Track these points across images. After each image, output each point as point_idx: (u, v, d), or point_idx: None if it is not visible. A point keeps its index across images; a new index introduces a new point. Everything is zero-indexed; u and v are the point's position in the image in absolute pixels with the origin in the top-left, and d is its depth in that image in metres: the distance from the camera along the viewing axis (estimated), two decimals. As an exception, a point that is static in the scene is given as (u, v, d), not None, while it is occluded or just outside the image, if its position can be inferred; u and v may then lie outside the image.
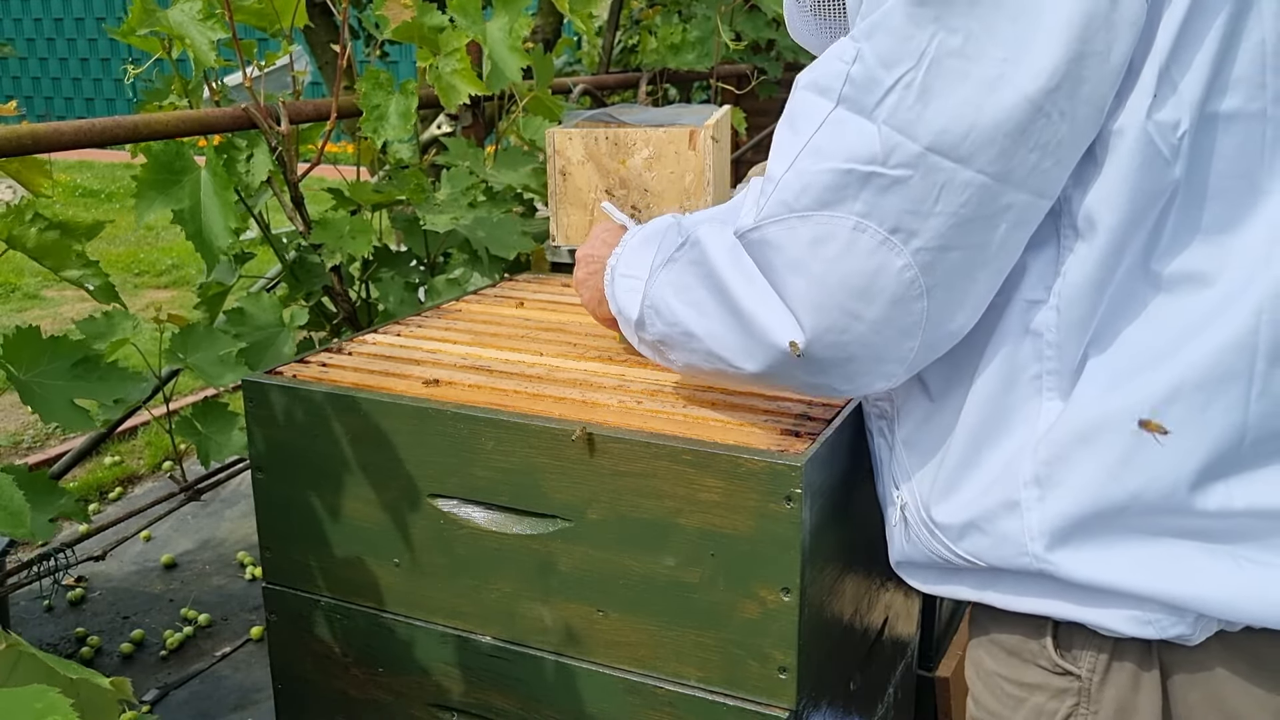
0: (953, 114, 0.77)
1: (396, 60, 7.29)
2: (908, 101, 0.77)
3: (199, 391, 3.64)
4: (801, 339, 0.83)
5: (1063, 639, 0.88)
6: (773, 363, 0.88)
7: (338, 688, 1.26)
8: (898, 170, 0.78)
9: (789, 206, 0.82)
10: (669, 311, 0.97)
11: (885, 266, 0.80)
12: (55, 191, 7.42)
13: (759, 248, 0.85)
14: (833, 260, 0.81)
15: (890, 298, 0.81)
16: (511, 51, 1.67)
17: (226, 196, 1.49)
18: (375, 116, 1.61)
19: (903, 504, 0.95)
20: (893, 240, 0.79)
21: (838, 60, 0.81)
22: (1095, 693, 0.87)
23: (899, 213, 0.79)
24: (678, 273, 0.96)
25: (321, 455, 1.18)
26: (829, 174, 0.80)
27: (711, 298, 0.92)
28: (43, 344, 1.33)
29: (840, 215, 0.80)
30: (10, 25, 10.76)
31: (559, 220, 1.63)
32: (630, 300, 1.05)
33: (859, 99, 0.79)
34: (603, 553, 1.06)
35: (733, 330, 0.90)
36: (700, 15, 3.05)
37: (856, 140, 0.79)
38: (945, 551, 0.90)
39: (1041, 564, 0.84)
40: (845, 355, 0.84)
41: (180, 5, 1.55)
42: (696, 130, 1.57)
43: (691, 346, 0.96)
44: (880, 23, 0.78)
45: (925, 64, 0.77)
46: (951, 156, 0.77)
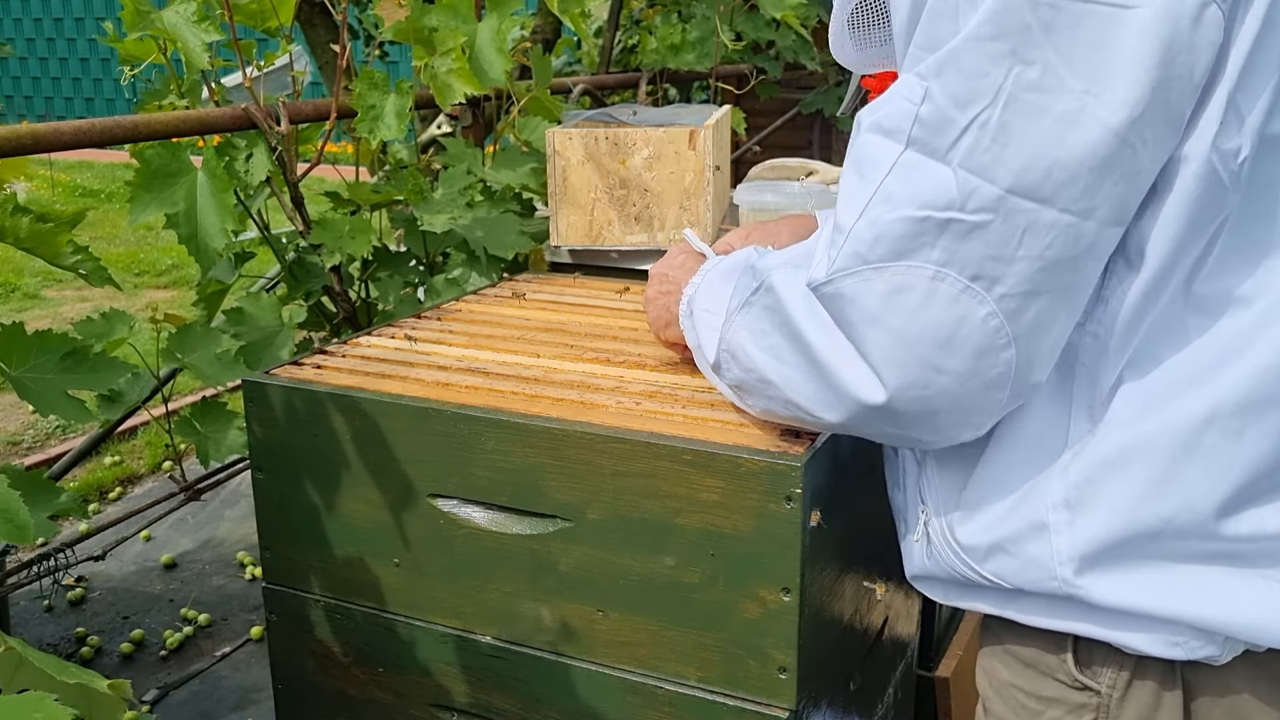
0: (1033, 153, 0.73)
1: (396, 60, 7.28)
2: (984, 142, 0.73)
3: (198, 391, 3.64)
4: (884, 395, 0.79)
5: (1083, 654, 0.87)
6: (853, 415, 0.84)
7: (338, 688, 1.26)
8: (977, 215, 0.74)
9: (862, 258, 0.78)
10: (745, 357, 0.93)
11: (968, 316, 0.76)
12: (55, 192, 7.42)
13: (833, 301, 0.81)
14: (911, 312, 0.77)
15: (974, 349, 0.76)
16: (497, 53, 1.67)
17: (225, 198, 1.49)
18: (371, 117, 1.60)
19: (926, 519, 0.93)
20: (974, 288, 0.75)
21: (904, 100, 0.77)
22: (1114, 709, 0.86)
23: (980, 259, 0.75)
24: (754, 318, 0.92)
25: (321, 455, 1.18)
26: (903, 222, 0.76)
27: (789, 345, 0.88)
28: (30, 339, 1.33)
29: (917, 265, 0.76)
30: (10, 25, 10.76)
31: (558, 220, 1.63)
32: (708, 340, 1.01)
33: (930, 141, 0.75)
34: (603, 553, 1.06)
35: (811, 380, 0.86)
36: (700, 15, 3.05)
37: (931, 185, 0.75)
38: (969, 571, 0.89)
39: (1070, 588, 0.83)
40: (929, 409, 0.80)
41: (175, 7, 1.54)
42: (696, 130, 1.57)
43: (769, 394, 0.92)
44: (950, 59, 0.74)
45: (1002, 101, 0.73)
46: (1033, 197, 0.73)
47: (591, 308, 1.49)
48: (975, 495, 0.87)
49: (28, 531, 1.01)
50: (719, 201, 1.71)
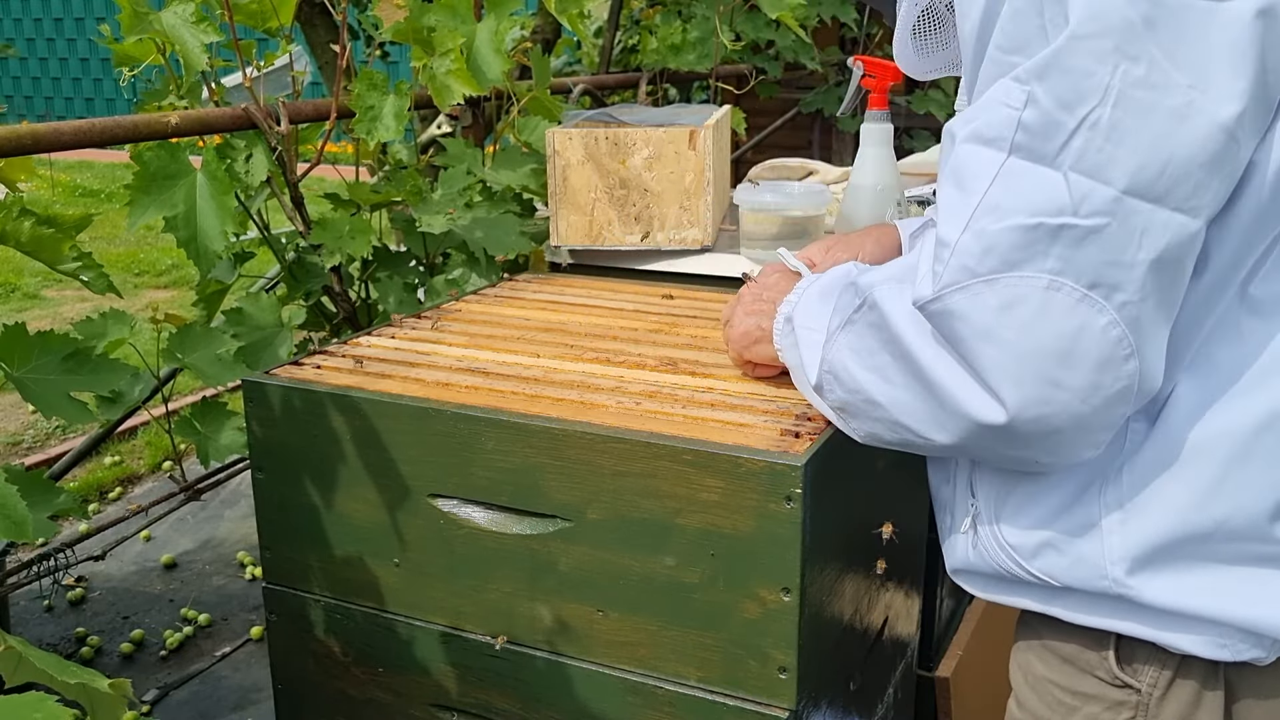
0: (1147, 151, 0.71)
1: (396, 60, 7.28)
2: (1096, 142, 0.72)
3: (198, 391, 3.64)
4: (1003, 414, 0.77)
5: (1125, 652, 0.87)
6: (967, 436, 0.81)
7: (338, 688, 1.26)
8: (1092, 219, 0.72)
9: (971, 271, 0.75)
10: (849, 378, 0.90)
11: (1087, 326, 0.73)
12: (55, 191, 7.41)
13: (942, 319, 0.78)
14: (1026, 326, 0.74)
15: (1096, 362, 0.74)
16: (495, 53, 1.67)
17: (224, 201, 1.49)
18: (369, 118, 1.60)
19: (975, 514, 0.92)
20: (1092, 296, 0.73)
21: (1002, 106, 0.75)
22: (1154, 707, 0.86)
23: (1097, 265, 0.72)
24: (857, 336, 0.89)
25: (321, 455, 1.18)
26: (1013, 231, 0.74)
27: (896, 364, 0.85)
28: (31, 340, 1.33)
29: (1030, 275, 0.73)
30: (10, 25, 10.75)
31: (558, 221, 1.63)
32: (810, 360, 0.96)
33: (1037, 146, 0.74)
34: (603, 553, 1.06)
35: (921, 399, 0.83)
36: (700, 15, 3.05)
37: (1040, 191, 0.73)
38: (1015, 568, 0.89)
39: (1121, 588, 0.83)
40: (1051, 429, 0.77)
41: (173, 8, 1.54)
42: (696, 130, 1.57)
43: (875, 415, 0.89)
44: (1053, 61, 0.73)
45: (1111, 99, 0.71)
46: (1148, 197, 0.72)
47: (591, 308, 1.49)
48: (1027, 493, 0.87)
49: (25, 527, 1.01)
50: (719, 201, 1.71)
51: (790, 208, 1.56)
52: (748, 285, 1.18)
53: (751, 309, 1.14)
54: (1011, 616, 0.99)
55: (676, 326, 1.39)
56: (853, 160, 1.64)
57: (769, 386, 1.15)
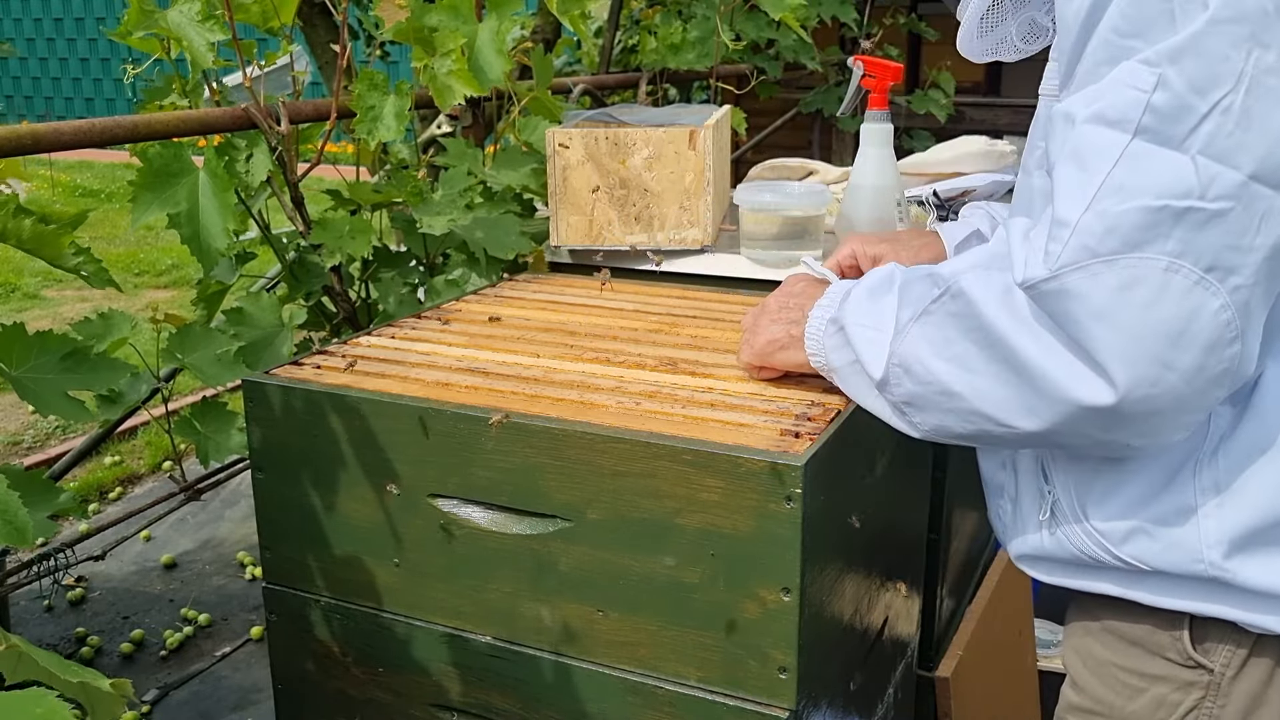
0: (1275, 138, 0.73)
1: (397, 60, 7.28)
2: (1227, 127, 0.73)
3: (198, 391, 3.64)
4: (1112, 395, 0.77)
5: (1198, 633, 0.88)
6: (1062, 420, 0.81)
7: (338, 688, 1.26)
8: (1218, 203, 0.73)
9: (1092, 251, 0.76)
10: (923, 370, 0.89)
11: (1201, 309, 0.74)
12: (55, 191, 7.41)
13: (1057, 298, 0.78)
14: (1144, 306, 0.75)
15: (1205, 344, 0.75)
16: (497, 54, 1.67)
17: (226, 198, 1.49)
18: (370, 118, 1.60)
19: (1054, 500, 0.92)
20: (1208, 280, 0.74)
21: (1129, 89, 0.76)
22: (1226, 686, 0.88)
23: (1217, 249, 0.74)
24: (934, 327, 0.88)
25: (321, 455, 1.18)
26: (1139, 212, 0.74)
27: (981, 352, 0.85)
28: (30, 340, 1.33)
29: (1151, 256, 0.74)
30: (10, 25, 10.76)
31: (558, 221, 1.63)
32: (872, 356, 0.95)
33: (1165, 129, 0.74)
34: (603, 553, 1.06)
35: (1010, 386, 0.83)
36: (700, 15, 3.05)
37: (1166, 174, 0.74)
38: (1102, 554, 0.89)
39: (1216, 571, 0.84)
40: (1152, 409, 0.77)
41: (179, 6, 1.54)
42: (696, 130, 1.57)
43: (949, 406, 0.89)
44: (1189, 45, 0.73)
45: (1244, 86, 0.73)
46: (1271, 183, 0.73)
47: (591, 308, 1.49)
48: (1112, 479, 0.88)
49: (27, 533, 1.01)
50: (719, 201, 1.71)
51: (790, 208, 1.56)
52: (773, 294, 1.17)
53: (778, 316, 1.13)
54: (1012, 616, 0.99)
55: (676, 326, 1.39)
56: (853, 160, 1.65)
57: (769, 386, 1.15)
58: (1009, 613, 1.78)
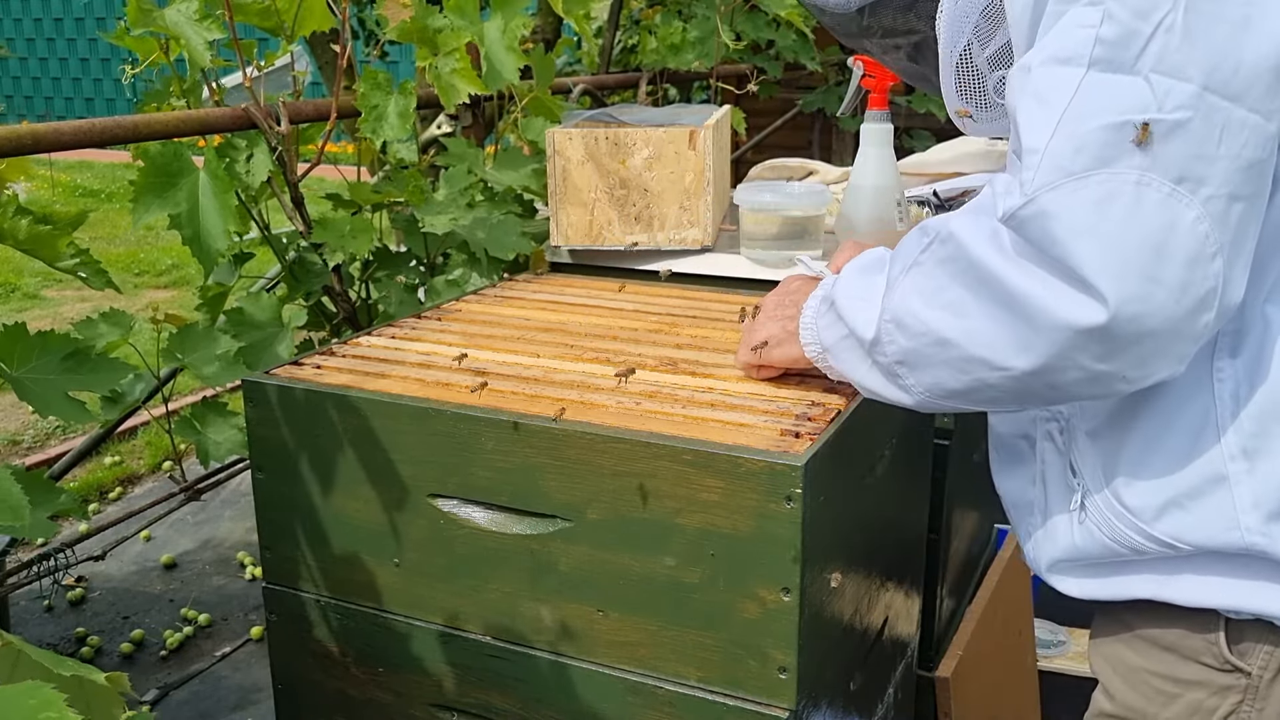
0: (1220, 51, 0.75)
1: (397, 60, 7.29)
2: (1174, 42, 0.76)
3: (198, 391, 3.64)
4: (1103, 312, 0.77)
5: (1234, 634, 0.87)
6: (1057, 350, 0.80)
7: (338, 688, 1.26)
8: (1176, 113, 0.75)
9: (1064, 170, 0.77)
10: (916, 321, 0.89)
11: (1178, 221, 0.76)
12: (55, 192, 7.41)
13: (1036, 222, 0.79)
14: (1123, 219, 0.76)
15: (1186, 257, 0.76)
16: (509, 52, 1.67)
17: (226, 199, 1.49)
18: (374, 117, 1.60)
19: (1084, 492, 0.92)
20: (1180, 191, 0.76)
21: (1076, 28, 0.78)
22: (1264, 689, 0.87)
23: (1184, 159, 0.75)
24: (924, 276, 0.89)
25: (321, 455, 1.18)
26: (1103, 130, 0.76)
27: (971, 294, 0.85)
28: (31, 340, 1.33)
29: (1121, 171, 0.76)
30: (10, 25, 10.76)
31: (559, 220, 1.63)
32: (862, 319, 0.95)
33: (1115, 57, 0.77)
34: (603, 553, 1.06)
35: (1002, 324, 0.83)
36: (700, 15, 3.05)
37: (1124, 94, 0.77)
38: (1136, 536, 0.88)
39: (1255, 537, 0.83)
40: (1144, 330, 0.78)
41: (177, 5, 1.55)
42: (696, 130, 1.57)
43: (944, 357, 0.88)
44: None
45: (1183, 6, 0.75)
46: (1225, 94, 0.76)
47: (591, 308, 1.49)
48: (1137, 456, 0.87)
49: (22, 512, 1.00)
50: (719, 201, 1.71)
51: (790, 208, 1.56)
52: (770, 294, 1.18)
53: (774, 314, 1.13)
54: (1012, 616, 0.99)
55: (676, 326, 1.39)
56: (853, 160, 1.64)
57: (769, 386, 1.15)
58: (1009, 613, 1.78)
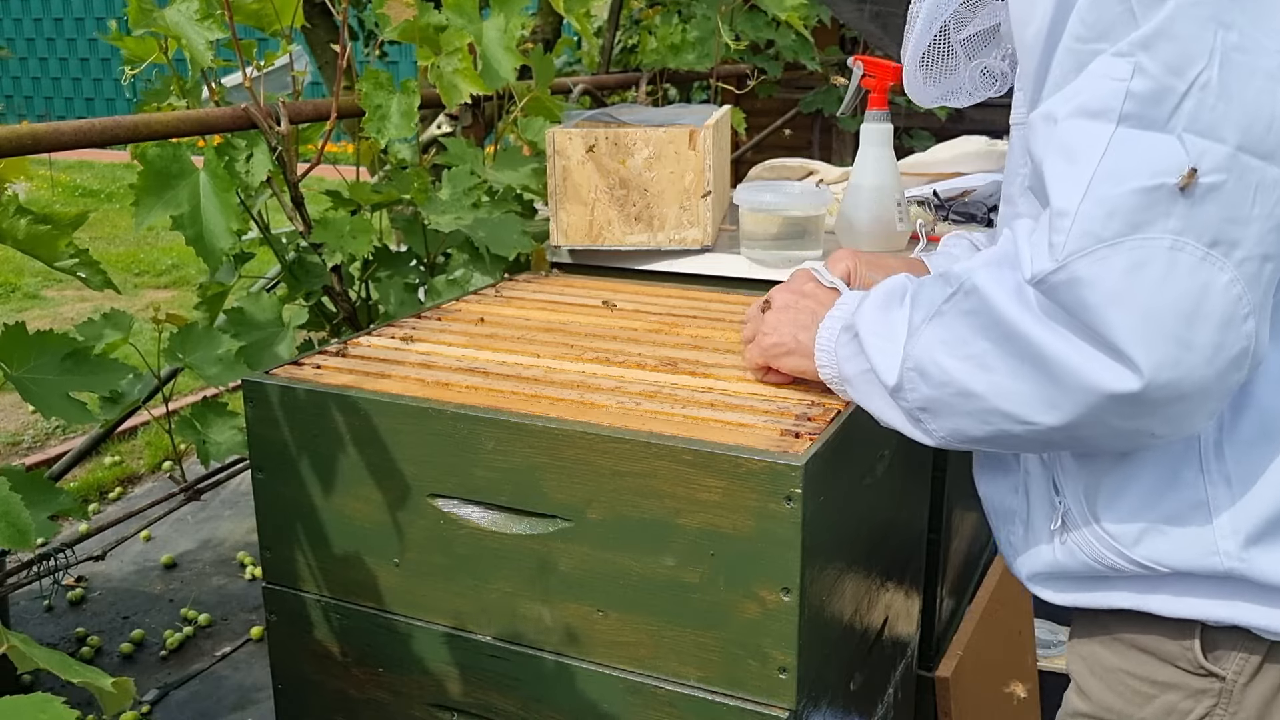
0: (1254, 109, 0.74)
1: (396, 60, 7.29)
2: (1208, 102, 0.74)
3: (198, 391, 3.64)
4: (1137, 381, 0.76)
5: (1209, 640, 0.87)
6: (1085, 411, 0.80)
7: (338, 688, 1.26)
8: (1211, 176, 0.74)
9: (1096, 237, 0.75)
10: (939, 371, 0.88)
11: (1211, 284, 0.74)
12: (55, 192, 7.41)
13: (1068, 288, 0.77)
14: (1155, 286, 0.74)
15: (1219, 320, 0.75)
16: (506, 52, 1.67)
17: (227, 198, 1.49)
18: (378, 117, 1.60)
19: (1065, 511, 0.92)
20: (1213, 254, 0.74)
21: (1107, 80, 0.76)
22: (1238, 694, 0.87)
23: (1218, 223, 0.74)
24: (948, 326, 0.87)
25: (321, 455, 1.18)
26: (1136, 194, 0.75)
27: (997, 349, 0.84)
28: (31, 340, 1.33)
29: (1154, 236, 0.74)
30: (10, 25, 10.76)
31: (559, 220, 1.63)
32: (886, 363, 0.93)
33: (1147, 114, 0.75)
34: (603, 553, 1.06)
35: (1029, 381, 0.82)
36: (700, 15, 3.05)
37: (1156, 154, 0.75)
38: (1115, 558, 0.88)
39: (1234, 563, 0.83)
40: (1177, 394, 0.76)
41: (177, 5, 1.55)
42: (696, 130, 1.57)
43: (967, 408, 0.87)
44: (1159, 30, 0.75)
45: (1217, 61, 0.74)
46: (1258, 153, 0.74)
47: (591, 308, 1.49)
48: (1119, 480, 0.87)
49: (29, 535, 1.01)
50: (719, 201, 1.72)
51: (790, 208, 1.56)
52: (780, 290, 1.14)
53: (788, 318, 1.10)
54: (1012, 616, 0.99)
55: (676, 326, 1.39)
56: (853, 160, 1.64)
57: (769, 387, 1.15)
58: (1009, 613, 1.78)
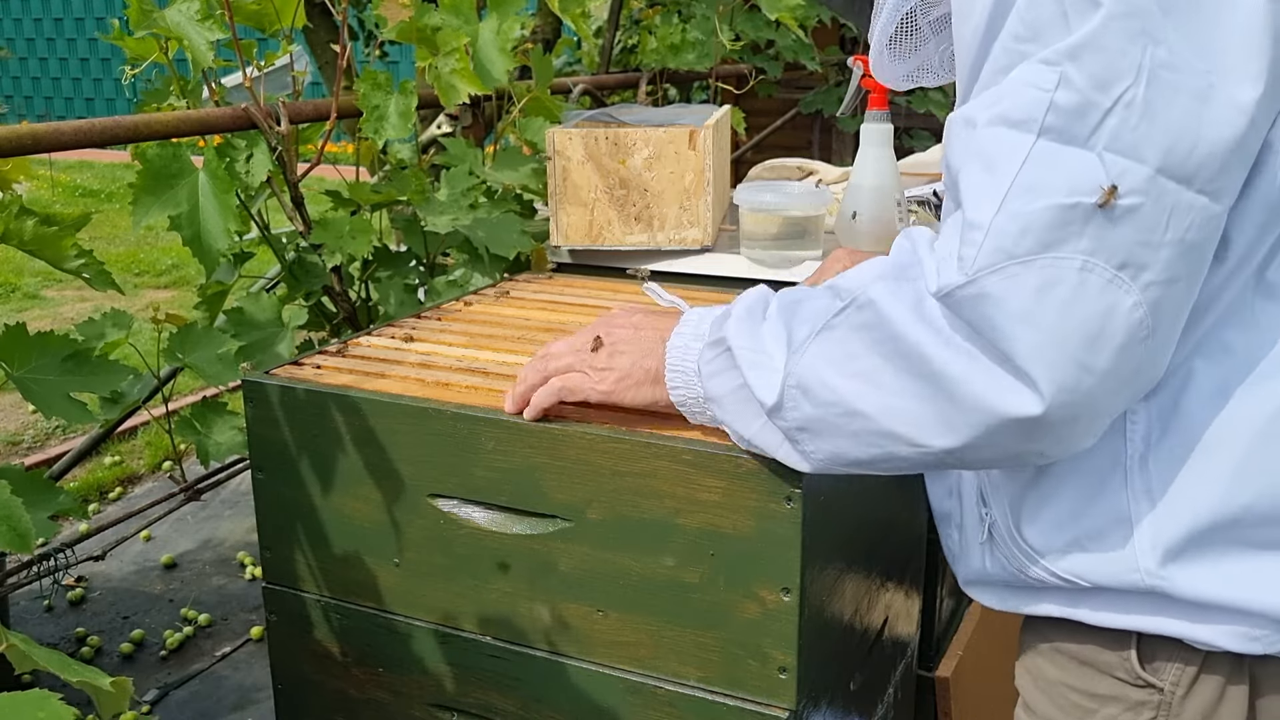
0: (1178, 130, 0.71)
1: (396, 60, 7.29)
2: (1131, 121, 0.72)
3: (198, 391, 3.64)
4: (1039, 405, 0.74)
5: (1146, 651, 0.86)
6: (982, 433, 0.77)
7: (338, 688, 1.26)
8: (1128, 198, 0.72)
9: (1008, 253, 0.73)
10: (825, 389, 0.84)
11: (1115, 307, 0.72)
12: (55, 192, 7.42)
13: (975, 305, 0.75)
14: (1063, 307, 0.73)
15: (1119, 344, 0.73)
16: (500, 53, 1.67)
17: (226, 199, 1.49)
18: (376, 117, 1.61)
19: (991, 523, 0.91)
20: (1121, 277, 0.72)
21: (1031, 88, 0.74)
22: (1177, 705, 0.86)
23: (1129, 245, 0.72)
24: (837, 341, 0.84)
25: (321, 455, 1.18)
26: (1051, 211, 0.72)
27: (891, 366, 0.80)
28: (31, 340, 1.33)
29: (1066, 256, 0.72)
30: (10, 25, 10.76)
31: (559, 221, 1.63)
32: (763, 381, 0.88)
33: (1069, 128, 0.73)
34: (603, 553, 1.06)
35: (924, 401, 0.79)
36: (700, 15, 3.05)
37: (1075, 171, 0.72)
38: (1040, 572, 0.87)
39: (1154, 580, 0.82)
40: (1072, 417, 0.75)
41: (178, 5, 1.55)
42: (696, 130, 1.57)
43: (853, 428, 0.84)
44: (1087, 41, 0.72)
45: (1144, 79, 0.71)
46: (1177, 177, 0.72)
47: (592, 308, 1.49)
48: (1044, 494, 0.86)
49: (29, 539, 1.01)
50: (719, 201, 1.72)
51: (790, 208, 1.56)
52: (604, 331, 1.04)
53: (624, 349, 1.02)
54: (1013, 617, 0.99)
55: (677, 326, 1.39)
56: (853, 160, 1.65)
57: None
58: (1010, 614, 1.78)
